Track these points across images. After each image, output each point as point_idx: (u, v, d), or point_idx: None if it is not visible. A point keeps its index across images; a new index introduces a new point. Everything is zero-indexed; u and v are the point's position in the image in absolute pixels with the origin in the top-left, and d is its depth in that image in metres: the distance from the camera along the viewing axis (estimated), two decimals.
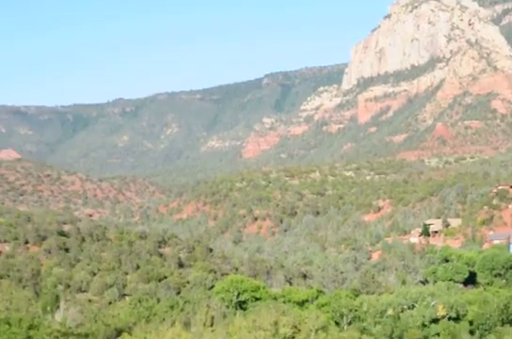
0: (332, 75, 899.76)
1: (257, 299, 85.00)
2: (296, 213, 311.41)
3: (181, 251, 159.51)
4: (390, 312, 77.13)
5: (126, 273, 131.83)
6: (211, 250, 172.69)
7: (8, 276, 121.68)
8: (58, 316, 67.75)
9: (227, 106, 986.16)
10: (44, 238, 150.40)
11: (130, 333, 50.09)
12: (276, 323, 46.44)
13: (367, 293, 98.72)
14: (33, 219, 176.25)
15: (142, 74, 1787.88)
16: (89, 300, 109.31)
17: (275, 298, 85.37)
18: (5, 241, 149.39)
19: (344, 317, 74.64)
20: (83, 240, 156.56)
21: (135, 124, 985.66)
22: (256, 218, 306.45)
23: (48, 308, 69.81)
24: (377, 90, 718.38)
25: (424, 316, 75.75)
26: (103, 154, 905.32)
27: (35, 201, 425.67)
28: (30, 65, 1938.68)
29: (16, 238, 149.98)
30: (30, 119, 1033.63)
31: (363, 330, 69.20)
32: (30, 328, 51.22)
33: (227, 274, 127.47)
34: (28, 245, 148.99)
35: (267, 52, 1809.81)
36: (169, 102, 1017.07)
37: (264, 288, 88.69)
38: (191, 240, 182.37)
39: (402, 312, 78.42)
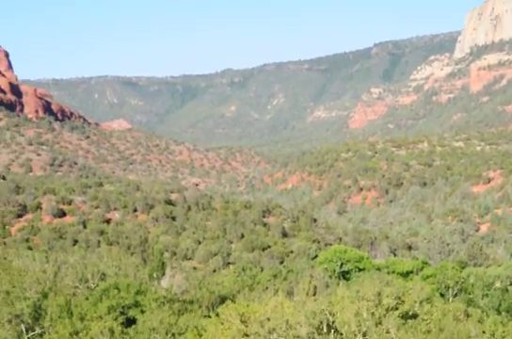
0: (444, 44, 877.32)
1: (360, 270, 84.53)
2: (402, 184, 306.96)
3: (285, 221, 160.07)
4: (497, 284, 75.11)
5: (231, 242, 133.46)
6: (315, 221, 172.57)
7: (118, 243, 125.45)
8: (164, 283, 68.99)
9: (334, 76, 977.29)
10: (152, 207, 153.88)
11: (233, 301, 50.47)
12: (379, 294, 45.83)
13: (474, 265, 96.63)
14: (141, 188, 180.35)
15: (251, 45, 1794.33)
16: (194, 268, 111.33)
17: (378, 269, 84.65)
18: (115, 209, 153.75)
19: (450, 289, 73.15)
20: (189, 209, 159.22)
21: (242, 95, 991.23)
22: (361, 189, 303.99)
23: (155, 274, 71.15)
24: (491, 59, 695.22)
25: None
26: (210, 125, 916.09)
27: (144, 170, 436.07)
28: (140, 36, 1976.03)
29: (125, 206, 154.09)
30: (141, 89, 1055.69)
31: (470, 303, 67.66)
32: (137, 293, 52.33)
33: (330, 244, 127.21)
34: (137, 213, 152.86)
35: (376, 21, 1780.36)
36: (277, 72, 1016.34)
37: (367, 259, 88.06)
38: (295, 210, 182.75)
39: (510, 285, 76.27)
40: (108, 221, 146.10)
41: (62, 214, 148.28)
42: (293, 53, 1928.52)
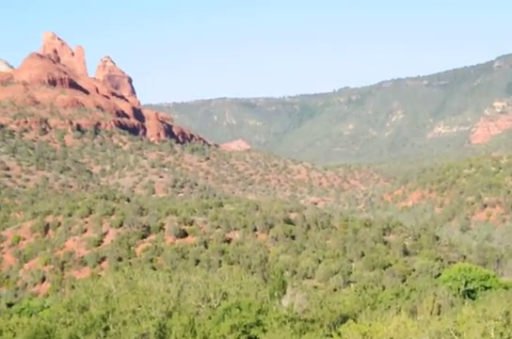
0: None
1: (486, 288, 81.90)
2: None
3: (406, 239, 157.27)
4: None
5: (351, 260, 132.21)
6: (437, 238, 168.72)
7: (239, 262, 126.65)
8: (285, 302, 68.89)
9: (455, 91, 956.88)
10: (271, 226, 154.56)
11: (355, 320, 49.98)
12: (507, 313, 44.26)
13: None
14: (261, 208, 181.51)
15: (367, 62, 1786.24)
16: (315, 287, 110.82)
17: (506, 288, 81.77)
18: (235, 229, 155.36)
19: None
20: (308, 228, 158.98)
21: (360, 112, 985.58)
22: (485, 206, 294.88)
23: (275, 294, 71.24)
24: None
25: None
26: (328, 143, 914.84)
27: (262, 189, 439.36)
28: (257, 58, 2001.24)
29: (245, 226, 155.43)
30: (259, 110, 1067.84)
31: None
32: (259, 312, 52.47)
33: (454, 262, 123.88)
34: (257, 232, 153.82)
35: (498, 34, 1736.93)
36: (395, 89, 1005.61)
37: (494, 277, 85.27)
38: (416, 228, 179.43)
39: None
40: (229, 241, 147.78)
41: (184, 234, 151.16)
42: (410, 69, 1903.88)
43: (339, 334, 42.86)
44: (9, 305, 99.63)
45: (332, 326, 55.67)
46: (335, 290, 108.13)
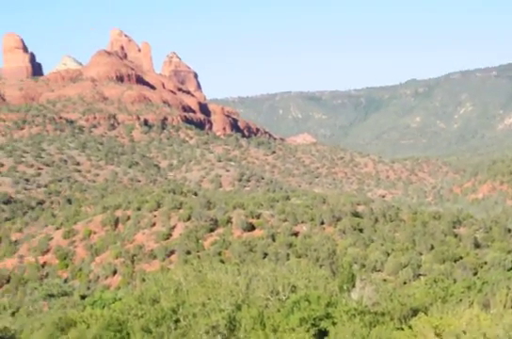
0: None
1: None
2: None
3: (477, 232, 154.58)
4: None
5: (420, 253, 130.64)
6: (509, 231, 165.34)
7: (306, 255, 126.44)
8: (354, 295, 68.44)
9: None
10: (339, 219, 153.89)
11: (426, 313, 49.21)
12: None
13: None
14: (328, 201, 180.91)
15: (434, 54, 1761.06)
16: (384, 280, 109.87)
17: None
18: (302, 222, 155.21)
19: None
20: (376, 221, 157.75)
21: (427, 105, 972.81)
22: None
23: (344, 286, 70.82)
24: None
25: None
26: (395, 136, 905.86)
27: (329, 183, 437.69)
28: (323, 51, 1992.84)
29: (312, 219, 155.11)
30: (324, 103, 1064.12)
31: None
32: (328, 305, 52.15)
33: None
34: (324, 225, 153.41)
35: None
36: (463, 80, 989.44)
37: None
38: (487, 220, 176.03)
39: None
40: (296, 234, 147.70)
41: (251, 227, 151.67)
42: (479, 60, 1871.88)
43: (410, 327, 42.29)
44: (83, 297, 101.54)
45: (403, 319, 55.05)
46: (405, 283, 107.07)
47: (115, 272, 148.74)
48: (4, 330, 64.42)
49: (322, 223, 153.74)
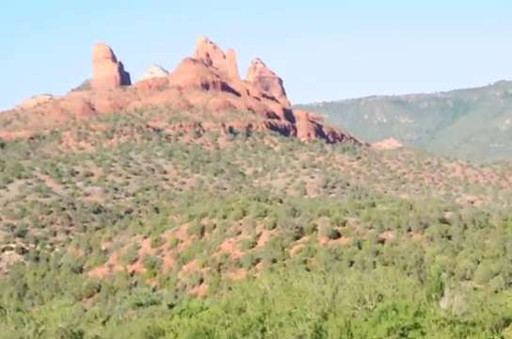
0: None
1: None
2: None
3: None
4: None
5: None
6: None
7: (393, 263, 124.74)
8: (443, 304, 67.05)
9: None
10: (426, 226, 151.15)
11: None
12: None
13: None
14: (415, 207, 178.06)
15: None
16: (474, 289, 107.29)
17: None
18: (388, 229, 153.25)
19: None
20: (465, 227, 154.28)
21: None
22: None
23: (433, 295, 69.57)
24: None
25: None
26: (484, 139, 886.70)
27: (416, 188, 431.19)
28: (407, 55, 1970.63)
29: (399, 226, 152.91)
30: (410, 107, 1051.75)
31: None
32: (416, 314, 51.37)
33: None
34: (411, 232, 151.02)
35: None
36: None
37: None
38: None
39: None
40: (383, 242, 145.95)
41: (337, 235, 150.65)
42: None
43: (502, 338, 41.16)
44: (170, 306, 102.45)
45: (494, 329, 53.62)
46: (496, 292, 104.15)
47: (201, 281, 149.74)
48: (95, 338, 65.86)
49: (409, 230, 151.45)
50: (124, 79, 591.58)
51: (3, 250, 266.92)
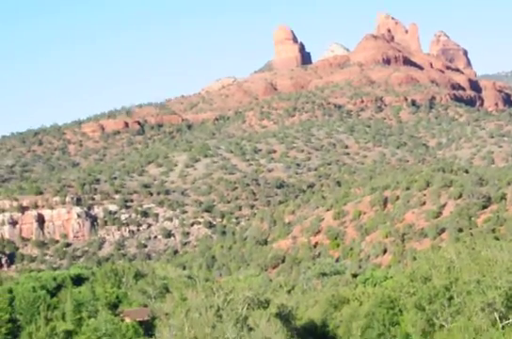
0: None
1: None
2: None
3: None
4: None
5: None
6: None
7: None
8: None
9: None
10: None
11: None
12: None
13: None
14: None
15: None
16: None
17: None
18: None
19: None
20: None
21: None
22: None
23: None
24: None
25: None
26: None
27: None
28: None
29: None
30: None
31: None
32: None
33: None
34: None
35: None
36: None
37: None
38: None
39: None
40: None
41: None
42: None
43: None
44: (354, 276, 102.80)
45: None
46: None
47: (385, 251, 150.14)
48: (281, 306, 67.17)
49: None
50: (305, 59, 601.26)
51: (192, 225, 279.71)
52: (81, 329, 69.91)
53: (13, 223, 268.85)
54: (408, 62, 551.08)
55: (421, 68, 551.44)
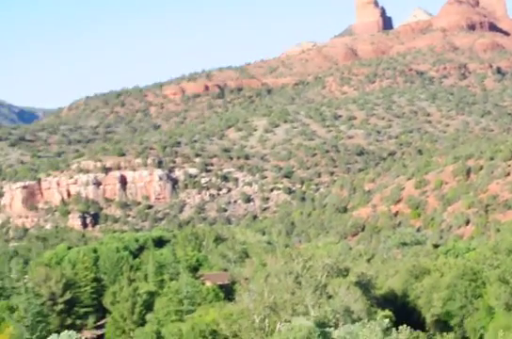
0: None
1: None
2: None
3: None
4: None
5: None
6: None
7: None
8: None
9: None
10: None
11: None
12: None
13: None
14: None
15: None
16: None
17: None
18: None
19: None
20: None
21: None
22: None
23: None
24: None
25: None
26: None
27: None
28: None
29: None
30: None
31: None
32: None
33: None
34: None
35: None
36: None
37: None
38: None
39: None
40: None
41: None
42: None
43: None
44: (436, 246, 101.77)
45: None
46: None
47: (467, 222, 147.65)
48: (361, 275, 67.05)
49: None
50: (387, 24, 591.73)
51: (271, 190, 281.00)
52: (163, 290, 71.36)
53: (97, 184, 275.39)
54: (493, 28, 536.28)
55: (507, 34, 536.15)
